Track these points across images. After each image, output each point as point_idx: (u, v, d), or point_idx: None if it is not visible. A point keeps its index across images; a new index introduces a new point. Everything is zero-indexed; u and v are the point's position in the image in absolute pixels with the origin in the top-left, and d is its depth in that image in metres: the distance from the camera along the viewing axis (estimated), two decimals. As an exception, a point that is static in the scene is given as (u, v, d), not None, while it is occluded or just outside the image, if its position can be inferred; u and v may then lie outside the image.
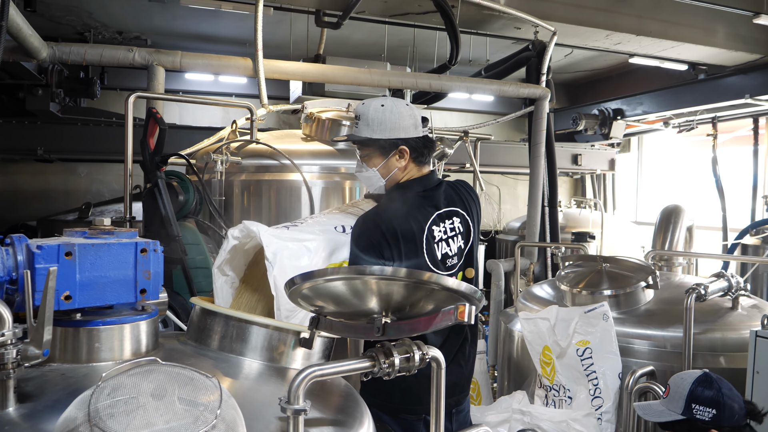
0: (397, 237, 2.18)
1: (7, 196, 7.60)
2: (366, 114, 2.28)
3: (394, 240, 2.18)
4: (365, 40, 7.17)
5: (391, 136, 2.26)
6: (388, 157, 2.29)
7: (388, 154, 2.29)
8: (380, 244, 2.16)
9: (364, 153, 2.35)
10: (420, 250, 2.24)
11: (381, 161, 2.30)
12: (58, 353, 1.41)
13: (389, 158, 2.29)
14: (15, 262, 1.35)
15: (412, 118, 2.30)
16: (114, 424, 0.96)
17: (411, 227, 2.23)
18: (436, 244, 2.28)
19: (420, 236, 2.24)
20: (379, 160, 2.31)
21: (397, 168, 2.31)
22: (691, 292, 2.79)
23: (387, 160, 2.29)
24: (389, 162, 2.30)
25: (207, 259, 3.24)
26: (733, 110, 7.35)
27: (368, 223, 2.20)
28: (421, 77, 4.72)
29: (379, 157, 2.31)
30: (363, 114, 2.29)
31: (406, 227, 2.22)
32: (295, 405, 1.22)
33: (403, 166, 2.31)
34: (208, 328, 1.67)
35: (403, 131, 2.27)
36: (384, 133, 2.26)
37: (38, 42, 3.40)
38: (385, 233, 2.17)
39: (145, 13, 6.52)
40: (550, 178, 5.59)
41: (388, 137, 2.26)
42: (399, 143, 2.28)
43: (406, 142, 2.28)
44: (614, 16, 5.52)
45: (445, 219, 2.33)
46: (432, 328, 1.35)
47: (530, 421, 2.90)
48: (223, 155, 3.42)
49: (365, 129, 2.28)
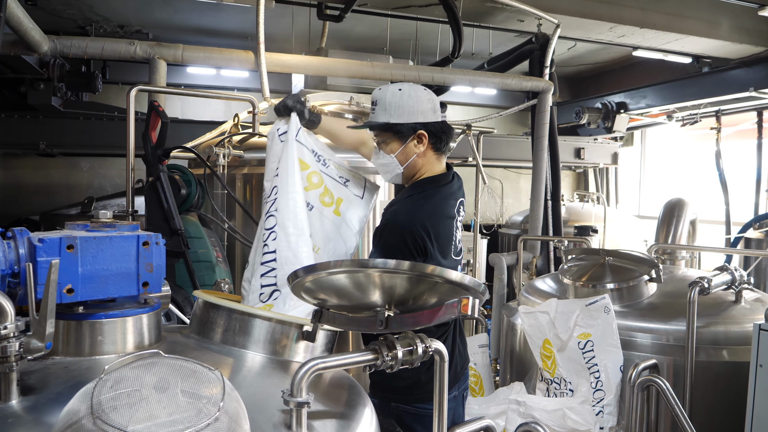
0: (438, 235, 2.17)
1: (10, 191, 7.61)
2: (383, 99, 2.21)
3: (435, 239, 2.16)
4: (367, 33, 7.14)
5: (410, 120, 2.20)
6: (406, 142, 2.22)
7: (406, 139, 2.22)
8: (423, 243, 2.13)
9: (381, 139, 2.27)
10: (450, 245, 2.25)
11: (399, 147, 2.23)
12: (61, 346, 1.41)
13: (407, 143, 2.22)
14: (17, 256, 1.35)
15: (431, 102, 2.24)
16: (117, 417, 0.95)
17: (446, 224, 2.24)
18: (455, 233, 2.31)
19: (452, 231, 2.25)
20: (397, 145, 2.24)
21: (416, 154, 2.25)
22: (695, 285, 2.78)
23: (405, 145, 2.22)
24: (407, 148, 2.23)
25: (209, 253, 3.24)
26: (737, 103, 7.32)
27: (408, 221, 2.15)
28: (423, 70, 4.70)
29: (397, 143, 2.24)
30: (380, 99, 2.22)
31: (443, 225, 2.21)
32: (298, 397, 1.22)
33: (422, 151, 2.25)
34: (211, 322, 1.67)
35: (421, 115, 2.20)
36: (402, 117, 2.19)
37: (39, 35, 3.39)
38: (428, 231, 2.14)
39: (147, 7, 6.51)
40: (553, 171, 5.57)
41: (406, 121, 2.20)
42: (418, 128, 2.21)
43: (425, 126, 2.22)
44: (618, 8, 5.50)
45: (461, 208, 2.37)
46: (435, 321, 1.35)
47: (525, 411, 2.89)
48: (225, 149, 3.42)
49: (382, 114, 2.21)
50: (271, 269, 2.18)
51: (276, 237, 2.20)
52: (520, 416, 2.87)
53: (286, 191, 2.25)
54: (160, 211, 3.00)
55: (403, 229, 2.13)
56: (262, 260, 2.20)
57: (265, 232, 2.23)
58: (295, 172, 2.28)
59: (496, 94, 9.37)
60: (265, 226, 2.24)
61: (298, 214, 2.24)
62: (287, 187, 2.25)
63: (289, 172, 2.28)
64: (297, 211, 2.24)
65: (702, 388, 2.83)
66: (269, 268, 2.18)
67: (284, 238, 2.20)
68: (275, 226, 2.21)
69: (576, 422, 2.88)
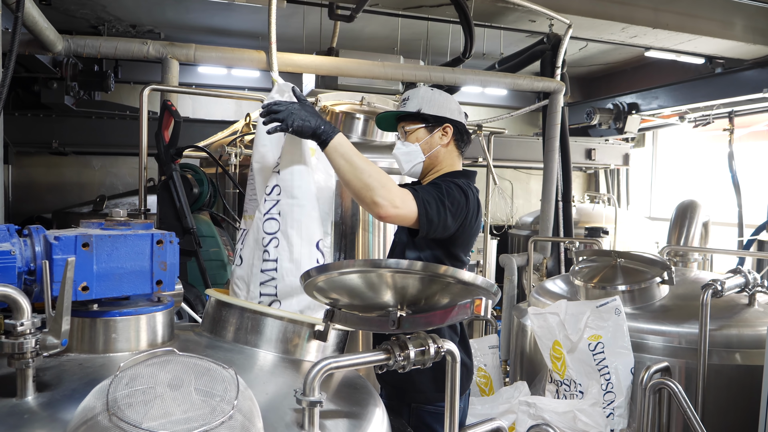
0: (474, 232, 2.31)
1: (23, 189, 7.68)
2: (416, 93, 2.37)
3: (474, 232, 2.30)
4: (378, 33, 7.15)
5: (439, 113, 2.34)
6: (432, 132, 2.35)
7: (433, 130, 2.35)
8: (472, 212, 2.23)
9: (409, 127, 2.38)
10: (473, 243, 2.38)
11: (425, 136, 2.35)
12: (76, 343, 1.42)
13: (433, 134, 2.35)
14: (33, 253, 1.36)
15: (458, 106, 2.41)
16: (132, 414, 0.96)
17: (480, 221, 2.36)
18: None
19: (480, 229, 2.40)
20: (424, 134, 2.35)
21: (440, 145, 2.36)
22: (708, 287, 2.76)
23: (431, 135, 2.35)
24: (433, 138, 2.35)
25: (221, 252, 3.25)
26: (751, 104, 7.27)
27: (467, 189, 2.25)
28: (434, 70, 4.70)
29: (424, 131, 2.36)
30: (412, 94, 2.38)
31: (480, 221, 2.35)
32: (310, 397, 1.22)
33: (446, 143, 2.37)
34: (223, 320, 1.68)
35: (449, 112, 2.36)
36: (432, 109, 2.33)
37: (53, 35, 3.41)
38: (477, 206, 2.27)
39: (159, 7, 6.55)
40: (564, 172, 5.55)
41: (435, 113, 2.34)
42: (445, 121, 2.35)
43: (451, 121, 2.36)
44: (630, 8, 5.47)
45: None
46: (448, 321, 1.35)
47: (535, 412, 2.88)
48: (237, 148, 3.43)
49: (414, 104, 2.36)
50: (271, 278, 1.95)
51: (278, 244, 1.96)
52: (530, 418, 2.86)
53: (292, 195, 1.98)
54: (172, 209, 3.02)
55: (469, 198, 2.23)
56: (262, 267, 1.96)
57: (264, 236, 1.97)
58: (303, 171, 2.01)
59: (507, 95, 9.35)
60: (265, 229, 1.97)
61: (305, 225, 1.98)
62: (293, 191, 1.99)
63: (295, 172, 2.00)
64: (305, 220, 1.98)
65: (714, 392, 2.81)
66: (269, 277, 1.95)
67: (287, 247, 1.96)
68: (277, 233, 1.96)
69: (586, 424, 2.86)
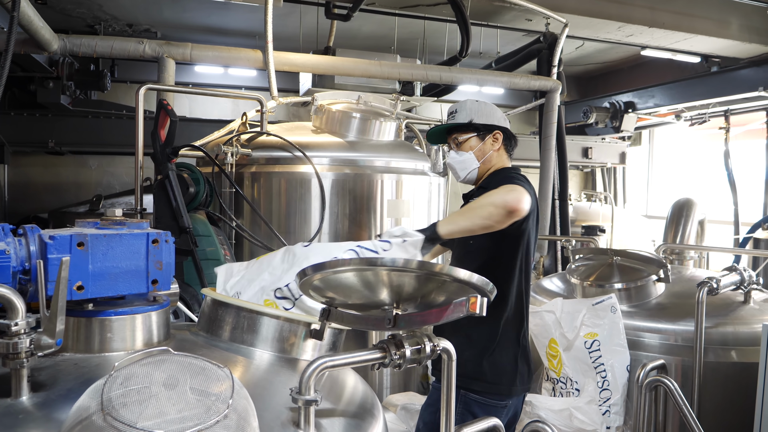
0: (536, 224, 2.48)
1: (19, 188, 7.66)
2: (463, 106, 2.56)
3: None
4: (375, 32, 7.14)
5: (489, 121, 2.53)
6: (484, 140, 2.53)
7: (484, 137, 2.53)
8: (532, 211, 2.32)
9: (462, 138, 2.54)
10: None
11: (478, 144, 2.53)
12: (71, 343, 1.42)
13: (485, 141, 2.53)
14: (28, 253, 1.35)
15: (502, 114, 2.60)
16: (127, 413, 0.96)
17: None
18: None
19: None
20: (476, 142, 2.53)
21: (492, 151, 2.53)
22: (703, 285, 2.77)
23: (483, 143, 2.53)
24: (485, 145, 2.53)
25: (218, 251, 3.24)
26: (746, 103, 7.28)
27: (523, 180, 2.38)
28: (431, 69, 4.70)
29: (476, 139, 2.53)
30: (460, 107, 2.56)
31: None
32: (306, 395, 1.23)
33: (497, 148, 2.54)
34: (219, 319, 1.67)
35: (496, 120, 2.55)
36: (482, 118, 2.52)
37: (49, 34, 3.41)
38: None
39: (155, 6, 6.53)
40: (561, 171, 5.56)
41: (485, 122, 2.52)
42: (494, 128, 2.53)
43: (500, 128, 2.55)
44: (626, 7, 5.47)
45: None
46: (444, 319, 1.35)
47: (531, 410, 2.89)
48: (233, 147, 3.42)
49: (464, 116, 2.53)
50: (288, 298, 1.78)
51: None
52: (526, 416, 2.86)
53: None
54: (168, 209, 3.01)
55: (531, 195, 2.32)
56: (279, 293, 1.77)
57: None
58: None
59: (504, 94, 9.34)
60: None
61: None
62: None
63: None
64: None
65: (710, 389, 2.82)
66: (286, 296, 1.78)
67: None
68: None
69: (582, 422, 2.87)
